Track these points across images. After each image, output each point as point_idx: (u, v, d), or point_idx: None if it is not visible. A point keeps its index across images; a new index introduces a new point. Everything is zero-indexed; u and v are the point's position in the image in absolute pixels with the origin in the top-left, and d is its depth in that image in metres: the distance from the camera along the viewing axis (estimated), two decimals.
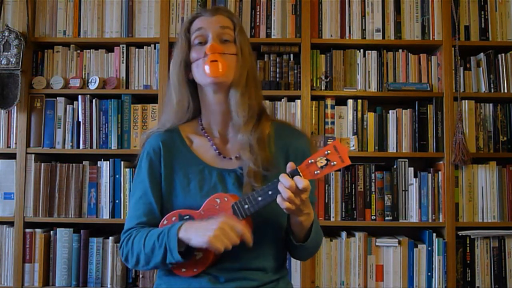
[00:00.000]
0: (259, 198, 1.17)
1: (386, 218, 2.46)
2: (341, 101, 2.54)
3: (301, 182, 1.12)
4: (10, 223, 2.50)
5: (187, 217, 1.23)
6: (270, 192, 1.17)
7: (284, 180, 1.13)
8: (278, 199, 1.15)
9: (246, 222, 1.19)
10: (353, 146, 2.48)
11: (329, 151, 1.16)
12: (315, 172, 1.15)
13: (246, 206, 1.18)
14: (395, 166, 2.51)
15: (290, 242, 1.30)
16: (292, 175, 1.15)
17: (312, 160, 1.16)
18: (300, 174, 1.15)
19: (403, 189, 2.48)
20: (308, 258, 1.44)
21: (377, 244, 2.46)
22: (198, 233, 1.14)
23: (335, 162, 1.15)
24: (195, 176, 1.29)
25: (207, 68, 1.26)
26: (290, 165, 1.17)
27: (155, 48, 2.57)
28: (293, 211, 1.17)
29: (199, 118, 1.38)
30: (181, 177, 1.29)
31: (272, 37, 2.55)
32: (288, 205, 1.14)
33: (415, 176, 2.49)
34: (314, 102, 2.52)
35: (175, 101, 1.35)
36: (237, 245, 1.15)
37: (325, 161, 1.15)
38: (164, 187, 1.30)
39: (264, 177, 1.26)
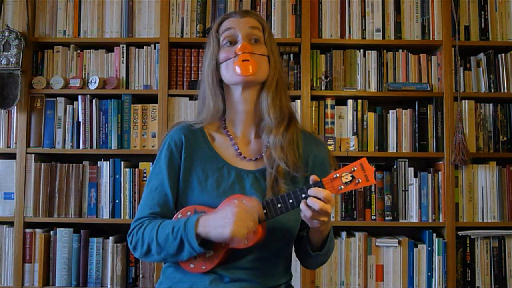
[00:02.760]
0: (279, 205, 1.17)
1: (386, 218, 2.46)
2: (341, 101, 2.54)
3: (321, 193, 1.13)
4: (10, 223, 2.50)
5: (199, 214, 1.21)
6: (290, 201, 1.16)
7: (313, 192, 1.13)
8: (303, 207, 1.14)
9: (262, 226, 1.18)
10: (353, 146, 2.48)
11: (355, 168, 1.15)
12: (339, 187, 1.15)
13: (265, 211, 1.17)
14: (395, 166, 2.51)
15: (305, 252, 1.31)
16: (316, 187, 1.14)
17: (337, 175, 1.15)
18: (324, 187, 1.14)
19: (403, 189, 2.48)
20: (318, 266, 1.44)
21: (377, 244, 2.46)
22: (217, 228, 1.14)
23: (360, 180, 1.15)
24: (214, 173, 1.29)
25: (238, 67, 1.27)
26: (314, 178, 1.16)
27: (155, 48, 2.57)
28: (314, 223, 1.17)
29: (223, 117, 1.38)
30: (200, 173, 1.29)
31: None
32: (313, 219, 1.15)
33: (415, 176, 2.49)
34: (314, 102, 2.52)
35: (212, 103, 1.35)
36: (249, 248, 1.17)
37: (351, 178, 1.15)
38: (182, 181, 1.30)
39: (292, 178, 1.27)
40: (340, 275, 2.45)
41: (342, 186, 1.14)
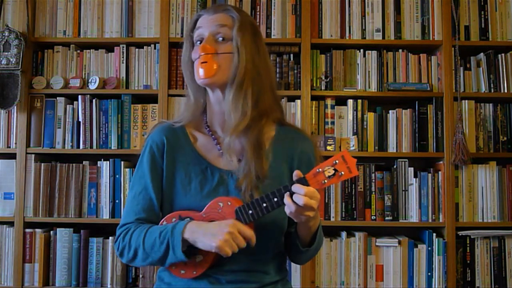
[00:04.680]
0: (264, 205, 1.16)
1: (386, 218, 2.46)
2: (341, 101, 2.54)
3: (302, 190, 1.12)
4: (10, 223, 2.50)
5: (188, 219, 1.21)
6: (275, 199, 1.16)
7: (295, 189, 1.12)
8: (287, 201, 1.13)
9: (249, 228, 1.18)
10: (353, 146, 2.48)
11: (337, 161, 1.14)
12: (323, 182, 1.14)
13: (250, 211, 1.16)
14: (395, 166, 2.51)
15: (294, 248, 1.30)
16: (299, 183, 1.13)
17: (320, 169, 1.14)
18: (308, 183, 1.14)
19: (403, 189, 2.48)
20: (307, 261, 1.43)
21: (377, 244, 2.46)
22: (206, 236, 1.13)
23: (342, 173, 1.14)
24: (197, 175, 1.27)
25: (199, 70, 1.26)
26: (297, 174, 1.15)
27: (155, 48, 2.57)
28: (300, 218, 1.17)
29: (205, 115, 1.36)
30: (183, 175, 1.28)
31: (272, 37, 2.55)
32: (297, 215, 1.14)
33: (415, 176, 2.49)
34: (314, 102, 2.52)
35: (193, 99, 1.34)
36: (239, 249, 1.16)
37: (333, 171, 1.14)
38: (165, 184, 1.28)
39: (259, 186, 1.23)
40: (340, 275, 2.45)
41: (326, 180, 1.14)
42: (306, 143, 1.36)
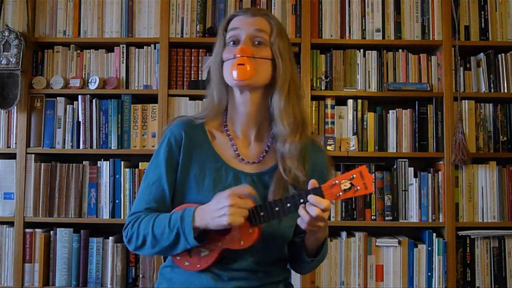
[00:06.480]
0: (276, 209, 1.16)
1: (386, 218, 2.46)
2: (341, 101, 2.54)
3: (322, 204, 1.12)
4: (10, 223, 2.50)
5: (194, 206, 1.21)
6: (288, 205, 1.15)
7: (314, 201, 1.12)
8: (301, 213, 1.14)
9: (258, 229, 1.18)
10: (353, 146, 2.48)
11: (354, 175, 1.15)
12: (337, 194, 1.14)
13: (262, 213, 1.17)
14: (395, 166, 2.51)
15: (299, 258, 1.31)
16: (314, 193, 1.14)
17: (337, 182, 1.14)
18: (323, 194, 1.14)
19: (403, 189, 2.48)
20: (309, 272, 1.44)
21: (377, 244, 2.46)
22: (214, 218, 1.13)
23: (358, 188, 1.14)
24: (211, 172, 1.28)
25: (234, 71, 1.25)
26: (313, 183, 1.15)
27: (155, 48, 2.57)
28: (310, 228, 1.17)
29: (225, 115, 1.36)
30: (197, 171, 1.28)
31: None
32: (309, 226, 1.15)
33: (415, 176, 2.49)
34: (314, 102, 2.52)
35: (216, 99, 1.34)
36: (243, 250, 1.17)
37: (349, 185, 1.14)
38: (179, 178, 1.29)
39: (287, 190, 1.25)
40: (340, 275, 2.45)
41: (341, 193, 1.14)
42: (320, 155, 1.37)
